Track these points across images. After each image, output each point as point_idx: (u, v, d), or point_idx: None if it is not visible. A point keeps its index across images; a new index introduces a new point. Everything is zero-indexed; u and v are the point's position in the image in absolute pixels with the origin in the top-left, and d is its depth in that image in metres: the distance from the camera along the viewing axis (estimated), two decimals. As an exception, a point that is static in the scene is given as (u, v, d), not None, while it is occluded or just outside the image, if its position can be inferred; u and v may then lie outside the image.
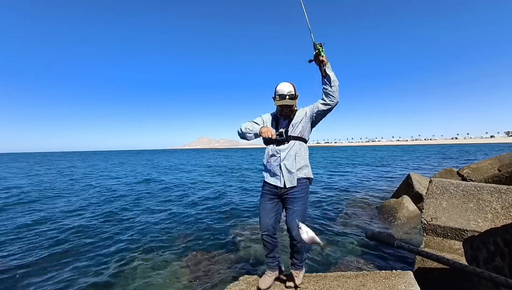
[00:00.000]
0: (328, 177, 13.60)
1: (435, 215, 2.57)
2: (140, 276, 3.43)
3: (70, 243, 4.67)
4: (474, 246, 1.69)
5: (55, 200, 8.82)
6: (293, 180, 2.11)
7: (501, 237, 1.49)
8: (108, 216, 6.56)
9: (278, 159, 2.12)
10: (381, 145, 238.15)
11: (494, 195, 2.52)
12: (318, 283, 2.15)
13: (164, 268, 3.61)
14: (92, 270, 3.62)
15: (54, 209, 7.47)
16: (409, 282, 1.98)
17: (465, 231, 2.34)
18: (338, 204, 7.16)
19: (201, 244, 4.49)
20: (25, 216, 6.71)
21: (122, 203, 8.24)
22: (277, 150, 2.14)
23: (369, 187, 9.93)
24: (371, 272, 2.26)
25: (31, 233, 5.25)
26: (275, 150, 2.15)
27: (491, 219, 2.36)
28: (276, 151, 2.14)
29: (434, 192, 2.78)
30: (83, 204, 8.13)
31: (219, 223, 5.69)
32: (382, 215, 5.80)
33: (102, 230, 5.38)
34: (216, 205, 7.55)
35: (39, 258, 4.04)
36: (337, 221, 5.61)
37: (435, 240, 2.50)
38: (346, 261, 3.64)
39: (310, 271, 2.58)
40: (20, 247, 4.51)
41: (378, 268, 3.42)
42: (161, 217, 6.33)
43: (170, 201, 8.47)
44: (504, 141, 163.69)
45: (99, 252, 4.23)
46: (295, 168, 2.12)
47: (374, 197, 8.02)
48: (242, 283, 2.27)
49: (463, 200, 2.61)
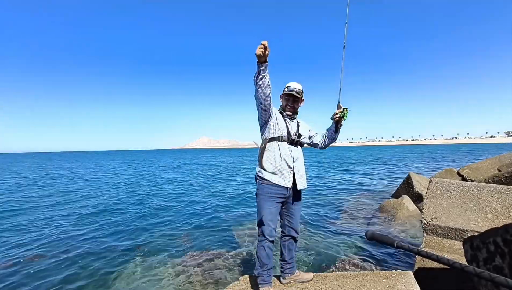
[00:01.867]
0: (328, 177, 13.59)
1: (435, 215, 2.57)
2: (140, 276, 3.43)
3: (67, 244, 4.67)
4: (474, 246, 1.69)
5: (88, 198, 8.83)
6: (304, 182, 2.15)
7: (501, 237, 1.49)
8: (108, 215, 6.57)
9: (291, 160, 2.07)
10: (381, 145, 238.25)
11: (494, 195, 2.52)
12: (318, 283, 2.15)
13: (164, 269, 3.61)
14: (91, 271, 3.61)
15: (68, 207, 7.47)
16: (409, 282, 1.98)
17: (465, 231, 2.34)
18: (338, 204, 7.15)
19: (201, 244, 4.49)
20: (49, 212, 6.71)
21: (123, 202, 8.24)
22: (291, 152, 2.09)
23: (369, 187, 9.92)
24: (371, 272, 2.26)
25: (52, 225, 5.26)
26: (289, 150, 2.09)
27: (491, 219, 2.36)
28: (290, 153, 2.08)
29: (434, 192, 2.78)
30: (85, 204, 8.13)
31: (219, 223, 5.69)
32: (382, 215, 5.80)
33: (101, 230, 5.38)
34: (216, 205, 7.55)
35: (55, 253, 4.04)
36: (337, 221, 5.60)
37: (435, 240, 2.50)
38: (346, 261, 3.64)
39: (310, 271, 2.58)
40: (22, 245, 4.51)
41: (378, 268, 3.42)
42: (161, 217, 6.34)
43: (170, 201, 8.47)
44: (504, 141, 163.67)
45: (99, 253, 4.23)
46: (303, 171, 2.18)
47: (374, 197, 8.02)
48: (242, 283, 2.27)
49: (463, 200, 2.61)
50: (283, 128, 2.11)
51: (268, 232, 2.01)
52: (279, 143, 2.07)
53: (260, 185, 2.07)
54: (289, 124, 2.16)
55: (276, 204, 2.05)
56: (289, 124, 2.16)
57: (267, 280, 2.06)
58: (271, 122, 2.08)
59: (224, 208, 7.11)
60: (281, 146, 2.06)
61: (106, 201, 8.53)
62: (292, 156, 2.08)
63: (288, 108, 2.18)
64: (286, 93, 2.16)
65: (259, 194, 2.07)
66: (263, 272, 2.05)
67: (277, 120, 2.11)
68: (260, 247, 2.04)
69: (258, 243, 2.08)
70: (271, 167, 2.02)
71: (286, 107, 2.19)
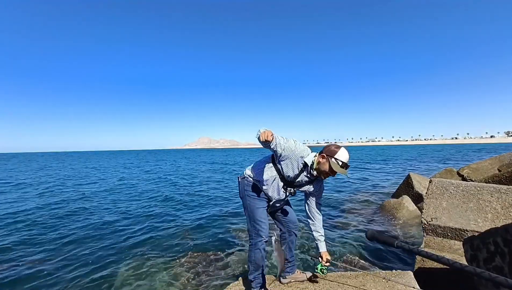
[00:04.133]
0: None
1: (435, 215, 2.57)
2: (139, 276, 3.43)
3: (65, 245, 4.67)
4: (474, 246, 1.69)
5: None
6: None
7: (501, 237, 1.49)
8: (107, 216, 6.57)
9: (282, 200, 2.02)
10: (381, 145, 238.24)
11: (494, 195, 2.52)
12: (318, 283, 2.15)
13: (163, 269, 3.61)
14: (90, 271, 3.60)
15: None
16: (409, 282, 1.98)
17: (465, 231, 2.35)
18: (338, 204, 7.15)
19: (200, 244, 4.49)
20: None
21: (122, 203, 8.24)
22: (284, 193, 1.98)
23: (369, 187, 9.92)
24: (371, 272, 2.26)
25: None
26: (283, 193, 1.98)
27: (491, 219, 2.36)
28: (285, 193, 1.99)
29: (434, 192, 2.78)
30: (87, 204, 8.13)
31: (218, 223, 5.69)
32: (382, 215, 5.80)
33: (100, 230, 5.38)
34: (215, 206, 7.55)
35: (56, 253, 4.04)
36: (337, 221, 5.60)
37: (435, 240, 2.50)
38: (346, 261, 3.64)
39: (310, 271, 2.58)
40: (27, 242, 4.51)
41: (378, 268, 3.42)
42: (160, 218, 6.34)
43: (169, 200, 8.47)
44: (504, 141, 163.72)
45: (97, 253, 4.23)
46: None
47: (374, 197, 8.02)
48: (241, 283, 2.27)
49: (463, 200, 2.61)
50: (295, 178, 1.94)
51: (264, 232, 1.95)
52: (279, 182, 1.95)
53: (247, 185, 2.01)
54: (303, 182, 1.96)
55: (265, 202, 2.02)
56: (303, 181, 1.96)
57: (261, 282, 2.03)
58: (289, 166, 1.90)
59: (224, 208, 7.11)
60: (280, 184, 1.96)
61: (104, 203, 8.53)
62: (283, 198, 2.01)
63: (322, 177, 1.90)
64: (334, 170, 1.80)
65: (246, 195, 2.00)
66: (258, 276, 1.99)
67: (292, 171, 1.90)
68: (255, 250, 1.95)
69: (251, 246, 1.98)
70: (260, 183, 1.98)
71: (320, 175, 1.89)
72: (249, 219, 2.02)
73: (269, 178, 1.94)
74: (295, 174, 1.91)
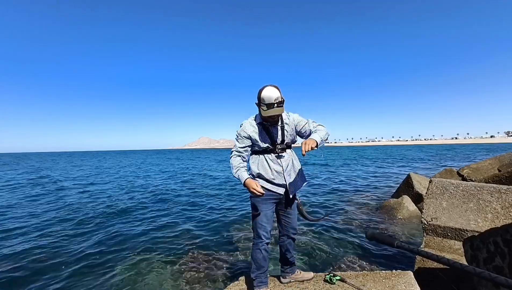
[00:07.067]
0: (328, 177, 13.60)
1: (435, 215, 2.57)
2: (139, 276, 3.43)
3: (64, 245, 4.67)
4: (474, 246, 1.70)
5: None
6: (297, 186, 2.07)
7: (501, 237, 1.49)
8: (106, 216, 6.57)
9: (280, 169, 1.99)
10: (381, 145, 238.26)
11: (494, 195, 2.52)
12: (318, 283, 2.15)
13: (163, 269, 3.61)
14: (89, 271, 3.61)
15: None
16: (409, 282, 1.98)
17: (465, 231, 2.35)
18: (338, 204, 7.15)
19: (200, 244, 4.48)
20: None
21: (123, 203, 8.24)
22: (279, 162, 1.99)
23: (369, 187, 9.92)
24: (371, 272, 2.26)
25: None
26: (277, 162, 1.99)
27: (491, 219, 2.37)
28: (278, 163, 1.99)
29: (434, 192, 2.78)
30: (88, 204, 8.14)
31: (218, 223, 5.69)
32: (382, 215, 5.80)
33: (99, 231, 5.38)
34: (215, 205, 7.55)
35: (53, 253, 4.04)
36: (337, 221, 5.60)
37: (435, 240, 2.50)
38: (346, 261, 3.64)
39: (310, 271, 2.58)
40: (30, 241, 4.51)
41: (378, 268, 3.42)
42: (160, 218, 6.34)
43: (169, 201, 8.47)
44: (504, 141, 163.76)
45: (97, 253, 4.23)
46: (296, 174, 2.07)
47: (374, 197, 8.02)
48: (242, 283, 2.27)
49: (463, 200, 2.61)
50: (267, 140, 1.99)
51: (265, 234, 1.98)
52: (266, 156, 1.99)
53: None
54: (274, 135, 2.00)
55: (271, 205, 2.03)
56: (273, 133, 2.00)
57: (264, 282, 2.05)
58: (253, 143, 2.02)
59: (224, 208, 7.11)
60: (268, 157, 1.99)
61: (104, 203, 8.54)
62: (281, 165, 1.99)
63: (271, 120, 1.95)
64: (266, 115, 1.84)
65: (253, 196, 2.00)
66: (260, 275, 2.03)
67: (258, 138, 1.98)
68: (256, 250, 2.00)
69: (254, 246, 2.03)
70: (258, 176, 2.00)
71: (268, 120, 1.95)
72: (252, 219, 2.07)
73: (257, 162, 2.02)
74: (263, 139, 1.98)
